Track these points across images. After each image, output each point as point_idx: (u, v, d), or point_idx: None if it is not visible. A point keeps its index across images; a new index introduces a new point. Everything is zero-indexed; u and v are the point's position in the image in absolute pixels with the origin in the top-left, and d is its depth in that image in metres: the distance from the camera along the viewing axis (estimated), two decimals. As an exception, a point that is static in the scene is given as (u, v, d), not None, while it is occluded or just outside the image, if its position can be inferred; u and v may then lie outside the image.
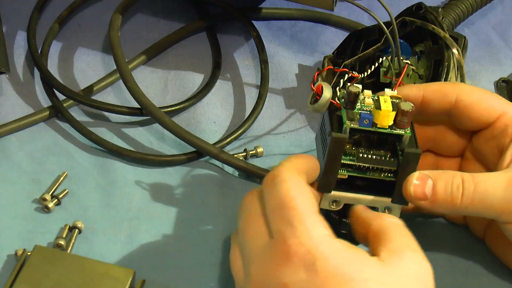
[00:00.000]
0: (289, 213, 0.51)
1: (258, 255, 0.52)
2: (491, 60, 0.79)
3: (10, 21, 0.78)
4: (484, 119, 0.59)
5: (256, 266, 0.51)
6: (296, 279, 0.49)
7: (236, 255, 0.55)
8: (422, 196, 0.55)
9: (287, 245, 0.50)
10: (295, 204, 0.51)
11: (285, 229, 0.50)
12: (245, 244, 0.53)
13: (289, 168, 0.53)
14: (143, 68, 0.76)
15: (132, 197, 0.66)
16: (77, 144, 0.70)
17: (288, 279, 0.49)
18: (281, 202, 0.51)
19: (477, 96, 0.59)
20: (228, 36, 0.79)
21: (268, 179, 0.53)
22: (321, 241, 0.50)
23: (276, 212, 0.52)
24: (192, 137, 0.68)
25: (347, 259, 0.49)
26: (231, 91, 0.75)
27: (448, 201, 0.55)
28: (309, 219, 0.51)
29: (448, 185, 0.55)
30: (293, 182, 0.52)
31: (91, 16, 0.80)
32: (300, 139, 0.72)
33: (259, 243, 0.52)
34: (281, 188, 0.52)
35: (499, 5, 0.84)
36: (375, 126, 0.55)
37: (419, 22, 0.68)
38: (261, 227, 0.53)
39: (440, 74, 0.67)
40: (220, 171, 0.69)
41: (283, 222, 0.51)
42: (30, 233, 0.63)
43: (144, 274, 0.61)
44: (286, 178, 0.52)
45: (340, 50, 0.73)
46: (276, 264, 0.50)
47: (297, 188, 0.52)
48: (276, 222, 0.51)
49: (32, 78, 0.74)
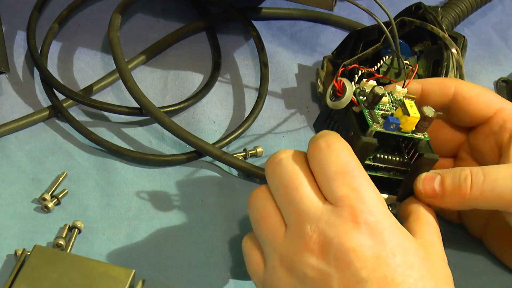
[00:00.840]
0: (354, 182, 0.51)
1: (313, 216, 0.51)
2: (491, 60, 0.79)
3: (10, 21, 0.78)
4: (482, 113, 0.59)
5: (314, 226, 0.51)
6: (364, 245, 0.50)
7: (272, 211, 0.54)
8: (431, 192, 0.56)
9: (358, 212, 0.50)
10: (358, 173, 0.52)
11: (351, 196, 0.51)
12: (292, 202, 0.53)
13: (341, 139, 0.54)
14: (143, 68, 0.76)
15: (132, 197, 0.66)
16: (77, 144, 0.70)
17: (355, 244, 0.50)
18: (342, 169, 0.52)
19: (476, 91, 0.60)
20: (228, 36, 0.79)
21: (321, 145, 0.53)
22: (387, 214, 0.51)
23: (337, 178, 0.52)
24: (191, 137, 0.68)
25: (407, 236, 0.51)
26: (230, 91, 0.75)
27: (457, 193, 0.55)
28: (373, 190, 0.52)
29: (456, 178, 0.56)
30: (351, 152, 0.53)
31: (91, 16, 0.80)
32: (300, 139, 0.72)
33: (314, 205, 0.52)
34: (340, 155, 0.52)
35: (499, 4, 0.84)
36: (400, 130, 0.56)
37: (418, 22, 0.68)
38: (312, 190, 0.53)
39: (439, 74, 0.67)
40: (219, 171, 0.69)
41: (347, 188, 0.51)
42: (30, 233, 0.63)
43: (144, 274, 0.61)
44: (344, 147, 0.53)
45: (340, 50, 0.74)
46: (343, 229, 0.50)
47: (355, 158, 0.53)
48: (338, 187, 0.51)
49: (32, 78, 0.74)
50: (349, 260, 0.50)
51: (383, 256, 0.50)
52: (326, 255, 0.50)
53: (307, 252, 0.51)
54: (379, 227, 0.50)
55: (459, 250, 0.64)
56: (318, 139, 0.54)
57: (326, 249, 0.50)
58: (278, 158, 0.55)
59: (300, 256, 0.51)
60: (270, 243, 0.53)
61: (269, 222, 0.54)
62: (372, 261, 0.49)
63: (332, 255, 0.50)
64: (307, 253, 0.51)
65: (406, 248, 0.50)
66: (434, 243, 0.54)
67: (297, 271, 0.51)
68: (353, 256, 0.50)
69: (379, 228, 0.50)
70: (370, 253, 0.50)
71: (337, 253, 0.50)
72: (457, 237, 0.64)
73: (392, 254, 0.50)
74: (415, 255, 0.50)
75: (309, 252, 0.51)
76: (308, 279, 0.51)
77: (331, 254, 0.50)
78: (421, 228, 0.54)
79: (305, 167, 0.54)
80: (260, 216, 0.54)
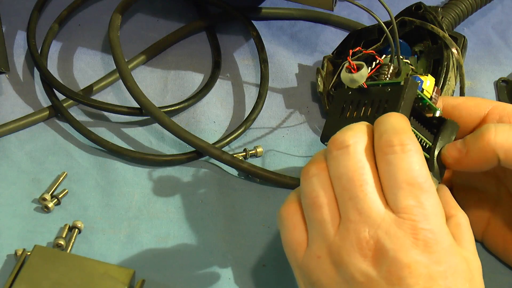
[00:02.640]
0: (422, 195, 0.50)
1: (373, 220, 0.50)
2: (491, 60, 0.79)
3: (10, 21, 0.78)
4: (474, 114, 0.59)
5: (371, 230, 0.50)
6: (419, 263, 0.49)
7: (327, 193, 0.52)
8: (457, 152, 0.55)
9: (419, 228, 0.49)
10: (428, 186, 0.50)
11: (416, 210, 0.49)
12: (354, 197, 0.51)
13: (413, 138, 0.51)
14: (143, 68, 0.76)
15: (132, 196, 0.66)
16: (77, 144, 0.70)
17: (410, 260, 0.49)
18: (412, 179, 0.50)
19: (462, 98, 0.60)
20: (228, 36, 0.79)
21: (394, 143, 0.51)
22: (447, 233, 0.50)
23: (404, 187, 0.50)
24: (191, 137, 0.68)
25: (462, 258, 0.50)
26: (230, 91, 0.75)
27: (480, 143, 0.54)
28: (439, 207, 0.51)
29: (478, 131, 0.55)
30: (422, 157, 0.51)
31: (91, 16, 0.80)
32: (300, 139, 0.72)
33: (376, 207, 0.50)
34: (412, 162, 0.50)
35: (499, 5, 0.84)
36: (422, 92, 0.57)
37: (418, 22, 0.68)
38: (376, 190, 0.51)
39: (439, 74, 0.67)
40: (219, 171, 0.69)
41: (413, 200, 0.50)
42: (30, 233, 0.63)
43: (144, 274, 0.61)
44: (418, 150, 0.51)
45: (340, 50, 0.74)
46: (401, 242, 0.49)
47: (426, 166, 0.51)
48: (403, 196, 0.50)
49: (32, 78, 0.74)
50: (402, 275, 0.49)
51: (436, 276, 0.49)
52: (379, 264, 0.49)
53: (359, 255, 0.50)
54: (437, 247, 0.49)
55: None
56: (391, 136, 0.51)
57: (380, 258, 0.49)
58: (347, 142, 0.51)
59: (352, 257, 0.50)
60: (320, 231, 0.51)
61: (323, 209, 0.51)
62: (425, 280, 0.49)
63: (385, 266, 0.49)
64: (359, 256, 0.50)
65: (457, 270, 0.50)
66: (474, 252, 0.53)
67: (345, 271, 0.50)
68: (407, 272, 0.49)
69: (437, 247, 0.49)
70: (424, 272, 0.49)
71: (391, 266, 0.49)
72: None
73: (445, 276, 0.49)
74: (463, 278, 0.50)
75: (361, 256, 0.50)
76: (355, 282, 0.50)
77: (385, 265, 0.49)
78: (462, 234, 0.53)
79: (372, 162, 0.51)
80: (314, 199, 0.52)
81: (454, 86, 0.70)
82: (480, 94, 0.76)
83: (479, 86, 0.76)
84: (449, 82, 0.68)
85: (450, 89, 0.69)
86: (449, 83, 0.68)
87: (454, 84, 0.70)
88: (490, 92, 0.76)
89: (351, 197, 0.50)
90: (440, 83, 0.67)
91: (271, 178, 0.67)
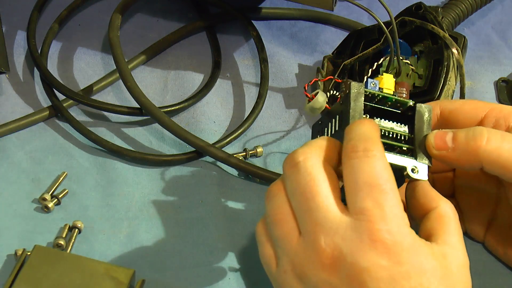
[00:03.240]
0: (381, 196, 0.49)
1: (329, 227, 0.50)
2: (491, 60, 0.79)
3: (10, 21, 0.78)
4: (472, 117, 0.59)
5: (327, 238, 0.49)
6: (378, 265, 0.48)
7: (286, 211, 0.52)
8: (443, 145, 0.55)
9: (375, 229, 0.48)
10: (388, 188, 0.50)
11: (373, 211, 0.49)
12: (311, 209, 0.51)
13: (377, 144, 0.51)
14: (143, 68, 0.76)
15: (132, 197, 0.66)
16: (77, 144, 0.70)
17: (369, 264, 0.48)
18: (372, 181, 0.50)
19: (460, 101, 0.60)
20: (228, 36, 0.79)
21: (359, 148, 0.51)
22: (408, 232, 0.49)
23: (364, 189, 0.50)
24: (191, 136, 0.68)
25: (428, 255, 0.49)
26: (230, 91, 0.75)
27: (471, 145, 0.54)
28: (398, 208, 0.50)
29: (470, 132, 0.55)
30: (385, 161, 0.51)
31: (91, 16, 0.80)
32: (300, 139, 0.72)
33: (332, 214, 0.50)
34: (375, 165, 0.50)
35: (499, 5, 0.84)
36: (381, 91, 0.56)
37: (418, 22, 0.68)
38: (332, 195, 0.51)
39: (439, 74, 0.67)
40: (219, 170, 0.69)
41: (371, 202, 0.49)
42: (30, 233, 0.63)
43: (144, 274, 0.61)
44: (379, 155, 0.51)
45: (340, 50, 0.74)
46: (358, 246, 0.49)
47: (388, 170, 0.51)
48: (362, 198, 0.49)
49: (32, 78, 0.74)
50: (362, 279, 0.48)
51: (398, 278, 0.48)
52: (339, 271, 0.49)
53: (319, 265, 0.50)
54: (396, 247, 0.48)
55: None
56: (357, 142, 0.51)
57: (339, 266, 0.49)
58: (296, 160, 0.52)
59: (312, 269, 0.50)
60: (283, 246, 0.52)
61: (283, 225, 0.52)
62: (386, 282, 0.48)
63: (344, 273, 0.49)
64: (319, 266, 0.50)
65: (424, 269, 0.49)
66: (455, 246, 0.52)
67: (309, 283, 0.50)
68: (367, 276, 0.48)
69: (397, 248, 0.48)
70: (384, 274, 0.48)
71: (350, 271, 0.49)
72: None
73: (408, 276, 0.48)
74: (432, 276, 0.49)
75: (321, 266, 0.50)
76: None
77: (344, 271, 0.49)
78: (443, 228, 0.52)
79: (328, 170, 0.52)
80: (275, 216, 0.53)
81: (454, 86, 0.70)
82: (480, 94, 0.76)
83: (479, 86, 0.76)
84: (449, 82, 0.68)
85: (450, 89, 0.69)
86: (449, 83, 0.68)
87: (454, 84, 0.70)
88: (490, 92, 0.76)
89: (306, 210, 0.51)
90: (441, 83, 0.67)
91: (271, 178, 0.67)
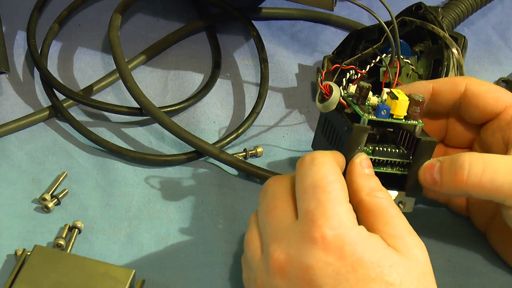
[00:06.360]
0: (323, 195, 0.50)
1: (281, 235, 0.51)
2: (491, 60, 0.79)
3: (10, 21, 0.78)
4: (491, 109, 0.59)
5: (277, 246, 0.51)
6: (322, 261, 0.49)
7: (254, 236, 0.54)
8: (431, 180, 0.56)
9: (316, 226, 0.49)
10: (331, 188, 0.51)
11: (315, 210, 0.50)
12: (267, 224, 0.53)
13: (328, 155, 0.53)
14: (143, 68, 0.76)
15: (132, 197, 0.66)
16: (77, 144, 0.70)
17: (313, 261, 0.49)
18: (316, 183, 0.51)
19: (486, 87, 0.60)
20: (228, 36, 0.79)
21: (306, 159, 0.53)
22: (350, 227, 0.50)
23: (309, 191, 0.51)
24: (191, 137, 0.68)
25: (373, 246, 0.49)
26: (230, 91, 0.75)
27: (453, 179, 0.55)
28: (341, 205, 0.50)
29: (453, 163, 0.55)
30: (332, 167, 0.52)
31: (91, 16, 0.80)
32: (300, 139, 0.72)
33: (283, 223, 0.52)
34: (320, 169, 0.52)
35: (499, 5, 0.84)
36: (392, 117, 0.56)
37: (418, 22, 0.68)
38: (287, 208, 0.53)
39: (439, 74, 0.67)
40: (219, 170, 0.69)
41: (315, 202, 0.50)
42: (30, 233, 0.63)
43: (144, 274, 0.61)
44: (326, 162, 0.52)
45: (340, 50, 0.74)
46: (302, 245, 0.50)
47: (335, 173, 0.52)
48: (307, 201, 0.51)
49: (32, 78, 0.74)
50: (309, 278, 0.49)
51: (343, 272, 0.49)
52: (289, 274, 0.50)
53: (272, 274, 0.51)
54: (338, 242, 0.49)
55: (460, 247, 0.64)
56: (305, 156, 0.53)
57: (289, 269, 0.50)
58: (264, 188, 0.55)
59: (268, 278, 0.51)
60: (250, 266, 0.54)
61: (250, 245, 0.54)
62: (332, 278, 0.49)
63: (293, 274, 0.50)
64: (272, 275, 0.51)
65: (371, 261, 0.49)
66: (399, 235, 0.51)
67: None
68: (313, 274, 0.49)
69: (338, 243, 0.49)
70: (329, 270, 0.49)
71: (298, 272, 0.49)
72: (461, 232, 0.65)
73: (353, 269, 0.49)
74: (379, 266, 0.49)
75: (274, 274, 0.51)
76: None
77: (293, 273, 0.50)
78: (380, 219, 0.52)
79: (287, 187, 0.54)
80: (246, 239, 0.55)
81: (454, 86, 0.70)
82: (480, 94, 0.76)
83: (479, 86, 0.76)
84: (449, 82, 0.68)
85: (450, 89, 0.69)
86: (449, 83, 0.68)
87: (454, 84, 0.70)
88: (490, 92, 0.76)
89: (263, 225, 0.53)
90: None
91: (271, 178, 0.67)
